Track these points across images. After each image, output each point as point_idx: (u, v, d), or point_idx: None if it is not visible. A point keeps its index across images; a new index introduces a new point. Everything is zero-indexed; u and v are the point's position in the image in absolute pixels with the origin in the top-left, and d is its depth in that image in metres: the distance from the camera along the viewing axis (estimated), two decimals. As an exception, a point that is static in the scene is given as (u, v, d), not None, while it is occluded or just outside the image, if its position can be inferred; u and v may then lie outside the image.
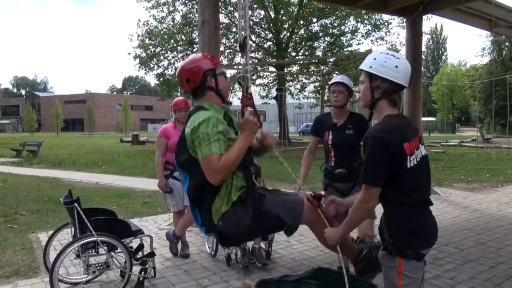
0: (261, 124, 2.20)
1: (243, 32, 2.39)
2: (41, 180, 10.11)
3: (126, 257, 3.27)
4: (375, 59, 1.87)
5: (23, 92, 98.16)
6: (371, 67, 1.86)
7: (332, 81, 3.40)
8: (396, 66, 1.83)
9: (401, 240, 1.83)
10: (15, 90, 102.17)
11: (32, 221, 5.95)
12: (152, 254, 3.53)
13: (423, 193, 1.88)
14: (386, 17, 21.11)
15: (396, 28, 31.77)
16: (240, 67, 2.53)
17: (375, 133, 1.81)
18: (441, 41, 71.17)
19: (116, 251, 3.33)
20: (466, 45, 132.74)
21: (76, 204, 3.17)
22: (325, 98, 21.41)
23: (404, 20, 8.21)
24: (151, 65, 22.03)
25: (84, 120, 55.64)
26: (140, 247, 3.48)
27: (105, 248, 3.26)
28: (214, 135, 2.01)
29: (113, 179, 10.51)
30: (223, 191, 2.09)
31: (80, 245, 3.18)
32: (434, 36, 64.80)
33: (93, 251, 3.28)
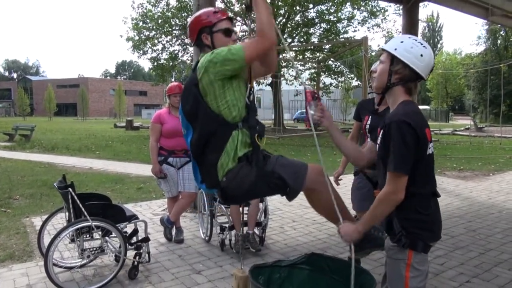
0: None
1: None
2: (34, 165, 10.06)
3: (121, 242, 3.29)
4: (402, 42, 1.78)
5: (15, 75, 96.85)
6: (396, 49, 1.76)
7: (373, 67, 3.38)
8: (421, 55, 1.75)
9: (414, 232, 1.77)
10: (6, 74, 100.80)
11: (25, 205, 5.95)
12: (146, 239, 3.55)
13: (434, 184, 1.84)
14: (382, 4, 21.00)
15: (393, 16, 31.74)
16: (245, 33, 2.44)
17: (400, 117, 1.70)
18: (437, 29, 71.01)
19: (110, 236, 3.34)
20: (462, 33, 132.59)
21: (70, 189, 3.17)
22: (320, 85, 21.45)
23: (401, 7, 8.18)
24: (145, 49, 21.80)
25: (77, 104, 55.14)
26: (135, 232, 3.50)
27: (100, 233, 3.28)
28: (226, 47, 2.00)
29: (107, 164, 10.48)
30: (230, 146, 2.03)
31: (75, 230, 3.19)
32: (430, 24, 64.60)
33: (88, 235, 3.29)
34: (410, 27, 7.57)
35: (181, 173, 4.27)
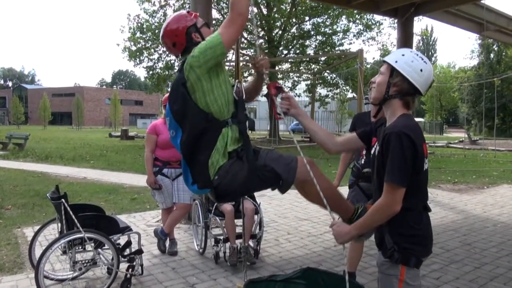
0: None
1: None
2: (27, 174, 9.97)
3: (114, 254, 3.25)
4: (403, 55, 1.78)
5: (10, 84, 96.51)
6: (396, 61, 1.77)
7: (372, 80, 3.40)
8: (421, 70, 1.75)
9: (406, 247, 1.75)
10: (1, 82, 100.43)
11: (17, 215, 5.87)
12: (139, 251, 3.50)
13: (426, 198, 1.84)
14: (377, 17, 21.25)
15: (388, 29, 32.07)
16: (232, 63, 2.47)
17: (400, 129, 1.69)
18: (431, 42, 71.91)
19: (103, 247, 3.30)
20: (455, 47, 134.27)
21: (63, 200, 3.13)
22: (316, 96, 21.56)
23: (396, 21, 8.26)
24: (141, 58, 21.84)
25: (72, 113, 54.94)
26: (128, 244, 3.46)
27: (92, 244, 3.23)
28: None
29: (101, 174, 10.41)
30: (220, 144, 2.03)
31: (67, 241, 3.15)
32: (424, 37, 65.43)
33: (80, 247, 3.25)
34: (405, 40, 7.66)
35: (176, 184, 4.24)
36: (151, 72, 22.39)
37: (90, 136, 29.44)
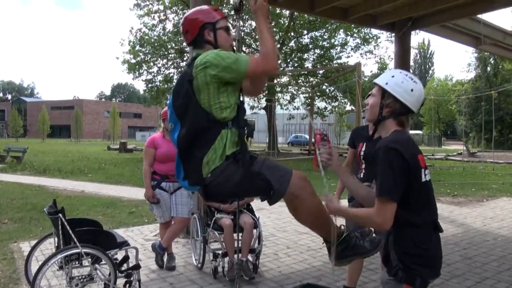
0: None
1: None
2: (25, 188, 9.91)
3: (111, 269, 3.20)
4: (393, 76, 1.82)
5: (9, 97, 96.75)
6: (387, 83, 1.81)
7: (368, 94, 3.42)
8: (412, 90, 1.78)
9: (411, 267, 1.72)
10: (1, 95, 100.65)
11: (14, 230, 5.81)
12: (137, 267, 3.46)
13: (435, 214, 1.81)
14: (375, 31, 21.47)
15: (385, 42, 32.38)
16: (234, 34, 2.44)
17: (388, 143, 1.73)
18: (428, 55, 72.56)
19: (100, 263, 3.26)
20: (452, 60, 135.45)
21: (60, 215, 3.10)
22: (314, 109, 21.64)
23: (393, 35, 8.35)
24: (141, 71, 21.97)
25: (71, 126, 54.99)
26: (125, 259, 3.42)
27: (89, 260, 3.19)
28: (232, 54, 2.02)
29: (99, 187, 10.36)
30: (218, 144, 2.02)
31: (64, 257, 3.11)
32: (421, 50, 66.03)
33: (77, 263, 3.20)
34: (402, 54, 7.72)
35: (174, 198, 4.21)
36: (150, 85, 22.50)
37: (89, 149, 29.39)
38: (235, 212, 4.11)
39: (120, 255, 3.47)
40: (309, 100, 20.69)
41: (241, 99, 2.15)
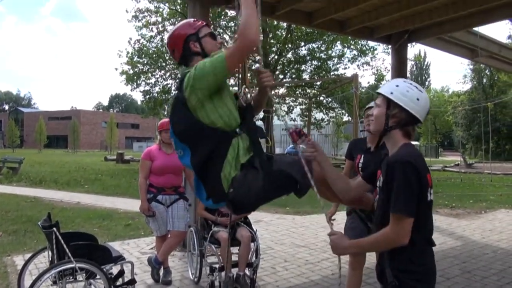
0: None
1: None
2: (20, 199, 9.82)
3: (106, 284, 3.15)
4: (397, 86, 1.77)
5: (7, 107, 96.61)
6: (392, 93, 1.76)
7: (367, 106, 3.41)
8: (418, 99, 1.75)
9: (408, 283, 1.70)
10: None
11: (8, 243, 5.73)
12: (132, 282, 3.41)
13: (431, 232, 1.79)
14: (371, 43, 21.65)
15: (382, 54, 32.63)
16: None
17: (404, 157, 1.68)
18: (424, 67, 73.11)
19: (95, 278, 3.20)
20: (449, 71, 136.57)
21: (54, 229, 3.05)
22: (312, 120, 21.68)
23: (389, 47, 8.40)
24: (139, 82, 21.99)
25: (68, 137, 54.84)
26: (120, 273, 3.36)
27: (84, 275, 3.13)
28: (208, 58, 1.97)
29: (95, 199, 10.28)
30: (231, 155, 1.97)
31: (58, 272, 3.05)
32: (418, 62, 66.59)
33: (71, 278, 3.15)
34: (399, 65, 7.75)
35: (170, 211, 4.16)
36: (147, 96, 22.51)
37: (86, 160, 29.26)
38: (232, 225, 4.07)
39: (115, 269, 3.42)
40: (306, 111, 20.76)
41: (245, 100, 2.11)
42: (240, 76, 2.54)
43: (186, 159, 2.04)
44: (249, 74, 2.61)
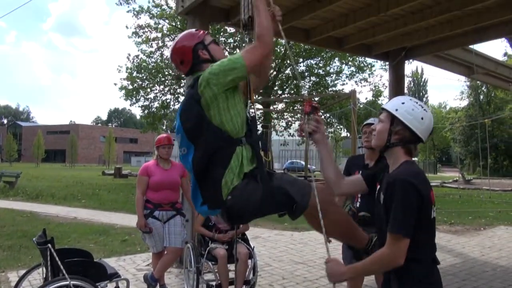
0: None
1: (247, 14, 2.39)
2: (16, 214, 9.74)
3: (100, 302, 3.10)
4: (403, 103, 1.77)
5: (5, 121, 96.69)
6: (397, 110, 1.75)
7: (365, 123, 3.42)
8: (422, 118, 1.74)
9: None
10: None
11: (2, 258, 5.66)
12: (127, 299, 3.35)
13: (435, 249, 1.77)
14: (369, 59, 21.88)
15: (379, 71, 32.97)
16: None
17: (404, 176, 1.66)
18: (422, 83, 73.68)
19: (89, 295, 3.15)
20: (446, 87, 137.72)
21: (49, 245, 3.02)
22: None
23: (387, 63, 8.49)
24: (138, 97, 22.09)
25: (66, 151, 54.75)
26: (116, 291, 3.31)
27: (78, 292, 3.08)
28: (225, 59, 2.01)
29: (92, 214, 10.20)
30: (234, 163, 1.96)
31: (51, 289, 3.00)
32: (415, 78, 67.14)
33: (65, 295, 3.10)
34: (397, 82, 7.82)
35: (167, 227, 4.12)
36: (146, 111, 22.57)
37: (83, 174, 29.14)
38: (229, 242, 4.04)
39: (110, 286, 3.36)
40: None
41: (251, 113, 2.14)
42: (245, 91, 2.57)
43: (189, 158, 2.03)
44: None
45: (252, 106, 2.18)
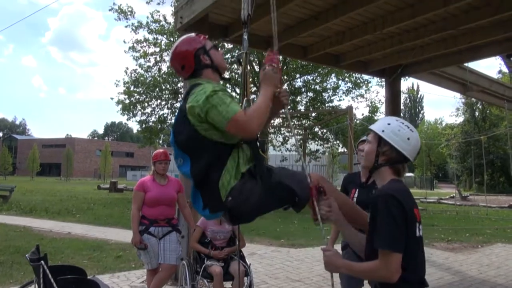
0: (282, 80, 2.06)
1: (246, 11, 2.37)
2: (9, 229, 9.60)
3: (93, 321, 3.03)
4: (389, 124, 1.79)
5: (0, 134, 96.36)
6: (383, 131, 1.78)
7: (360, 139, 3.44)
8: (408, 139, 1.76)
9: None
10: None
11: (-6, 275, 5.56)
12: (121, 318, 3.28)
13: (424, 270, 1.74)
14: (366, 76, 22.07)
15: (376, 87, 33.22)
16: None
17: (387, 191, 1.67)
18: (418, 100, 74.37)
19: (82, 314, 3.08)
20: (442, 103, 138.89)
21: (42, 262, 2.96)
22: (307, 151, 21.75)
23: (383, 80, 8.56)
24: (135, 111, 22.08)
25: (61, 164, 54.44)
26: (109, 309, 3.25)
27: (70, 311, 3.02)
28: (227, 98, 1.92)
29: (86, 229, 10.07)
30: (230, 164, 1.95)
31: (43, 308, 2.94)
32: (411, 95, 67.77)
33: (57, 314, 3.03)
34: (393, 98, 7.87)
35: (162, 243, 4.07)
36: (143, 126, 22.55)
37: (78, 188, 28.92)
38: (225, 259, 3.99)
39: (103, 305, 3.30)
40: (302, 142, 20.87)
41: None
42: (242, 88, 2.56)
43: (186, 168, 2.03)
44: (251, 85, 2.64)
45: (248, 104, 2.17)
